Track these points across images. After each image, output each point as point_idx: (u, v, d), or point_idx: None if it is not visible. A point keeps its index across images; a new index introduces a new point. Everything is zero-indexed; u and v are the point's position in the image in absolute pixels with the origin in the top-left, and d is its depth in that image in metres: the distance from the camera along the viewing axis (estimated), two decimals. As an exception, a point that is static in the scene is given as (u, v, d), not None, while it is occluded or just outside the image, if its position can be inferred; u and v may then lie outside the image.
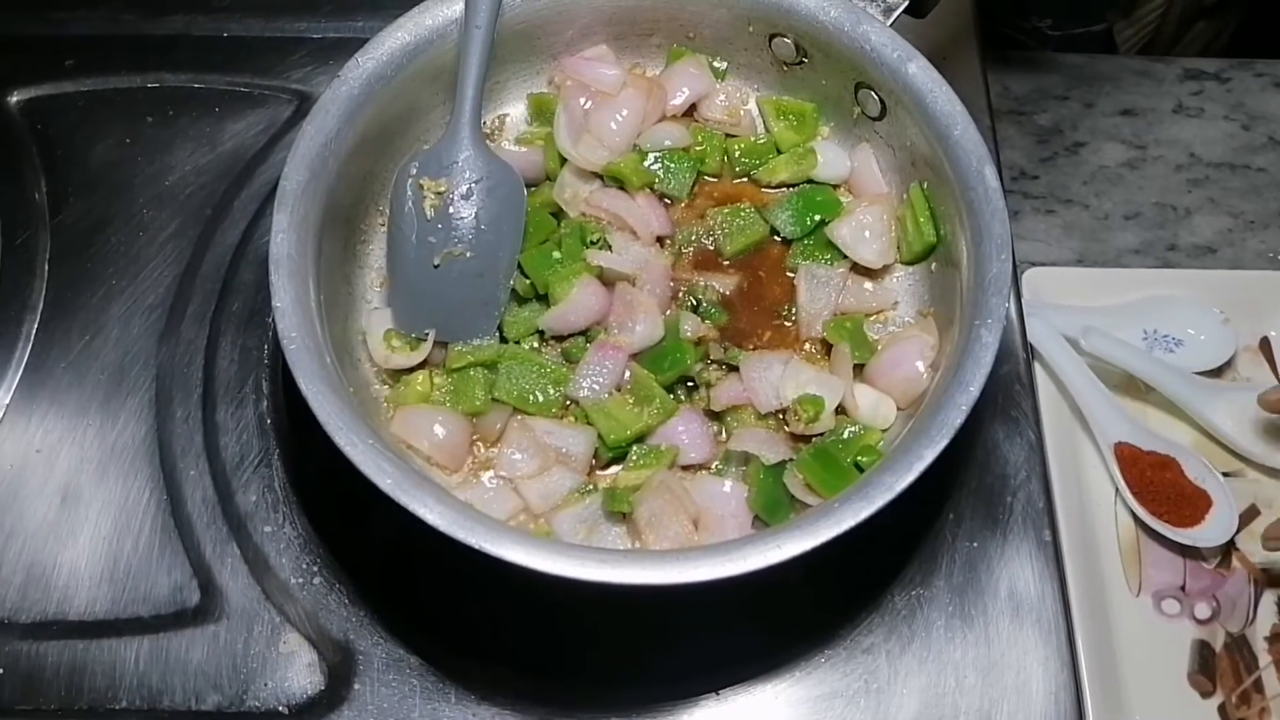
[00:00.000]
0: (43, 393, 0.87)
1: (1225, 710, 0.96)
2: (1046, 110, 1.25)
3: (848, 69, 0.84)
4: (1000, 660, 0.78)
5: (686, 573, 0.65)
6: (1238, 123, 1.24)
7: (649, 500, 0.75)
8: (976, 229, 0.76)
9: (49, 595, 0.80)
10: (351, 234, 0.84)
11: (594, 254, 0.82)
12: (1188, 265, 1.17)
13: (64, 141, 0.97)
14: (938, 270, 0.83)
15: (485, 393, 0.79)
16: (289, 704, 0.76)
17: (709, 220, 0.87)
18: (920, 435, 0.69)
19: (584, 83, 0.88)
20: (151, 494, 0.83)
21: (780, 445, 0.78)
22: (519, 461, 0.78)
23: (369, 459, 0.67)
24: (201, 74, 0.99)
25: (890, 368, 0.80)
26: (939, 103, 0.79)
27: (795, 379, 0.79)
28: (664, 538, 0.74)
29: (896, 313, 0.85)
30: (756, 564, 0.65)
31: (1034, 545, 0.81)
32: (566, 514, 0.76)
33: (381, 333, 0.81)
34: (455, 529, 0.66)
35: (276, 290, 0.72)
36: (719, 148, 0.89)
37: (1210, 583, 1.02)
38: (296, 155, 0.77)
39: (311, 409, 0.68)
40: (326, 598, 0.79)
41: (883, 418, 0.79)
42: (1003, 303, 0.72)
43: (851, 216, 0.85)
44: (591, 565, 0.65)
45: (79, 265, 0.91)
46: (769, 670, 0.78)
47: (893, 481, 0.67)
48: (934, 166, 0.81)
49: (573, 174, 0.87)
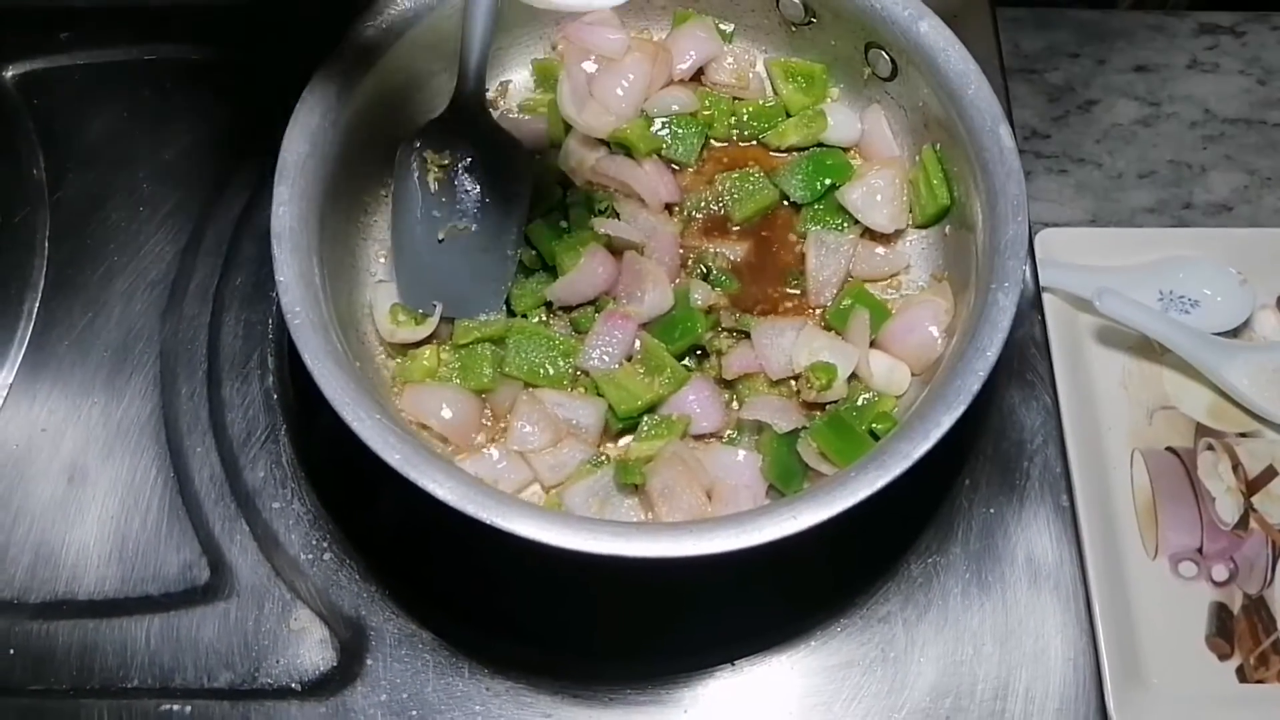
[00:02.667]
0: (46, 372, 0.86)
1: (1243, 672, 0.96)
2: (1058, 68, 1.23)
3: (857, 28, 0.83)
4: (1018, 627, 0.77)
5: (700, 545, 0.65)
6: (1254, 77, 1.22)
7: (661, 471, 0.74)
8: (991, 190, 0.74)
9: (58, 575, 0.80)
10: (354, 206, 0.83)
11: (602, 222, 0.81)
12: (1203, 224, 1.15)
13: (61, 116, 0.95)
14: (951, 233, 0.82)
15: (494, 369, 0.78)
16: (301, 681, 0.76)
17: (717, 186, 0.86)
18: (937, 402, 0.68)
19: (588, 48, 0.86)
20: (158, 472, 0.82)
21: (793, 413, 0.77)
22: (530, 435, 0.77)
23: (377, 435, 0.67)
24: (199, 45, 0.98)
25: (904, 333, 0.79)
26: (952, 61, 0.77)
27: (808, 346, 0.78)
28: (677, 509, 0.73)
29: (909, 277, 0.84)
30: (772, 535, 0.64)
31: (1051, 511, 0.80)
32: (578, 487, 0.75)
33: (387, 307, 0.80)
34: (466, 504, 0.65)
35: (279, 265, 0.71)
36: (727, 112, 0.87)
37: (1228, 544, 1.01)
38: (296, 126, 0.75)
39: (318, 385, 0.67)
40: (337, 574, 0.79)
41: (897, 384, 0.78)
42: (1019, 265, 0.71)
43: (862, 180, 0.84)
44: (605, 538, 0.65)
45: (79, 242, 0.91)
46: (785, 640, 0.77)
47: (909, 449, 0.67)
48: (947, 127, 0.79)
49: (578, 142, 0.86)
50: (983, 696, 0.75)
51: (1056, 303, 1.06)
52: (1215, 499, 1.02)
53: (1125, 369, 1.07)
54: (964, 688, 0.75)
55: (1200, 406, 1.05)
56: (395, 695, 0.75)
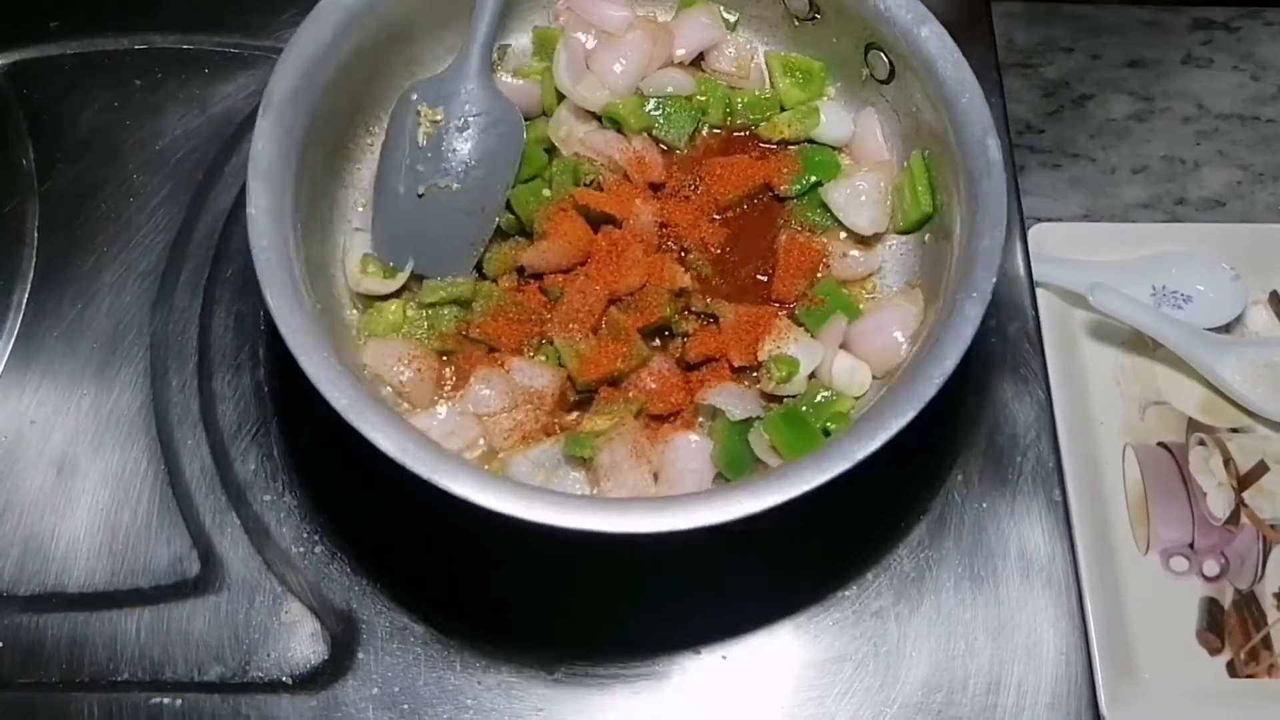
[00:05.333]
0: (35, 363, 0.85)
1: (1234, 667, 0.96)
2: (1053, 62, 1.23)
3: (859, 28, 0.82)
4: (1010, 622, 0.77)
5: (630, 523, 0.65)
6: (1247, 73, 1.22)
7: (611, 448, 0.74)
8: (973, 200, 0.74)
9: (47, 567, 0.79)
10: (337, 150, 0.82)
11: (583, 193, 0.81)
12: (1196, 219, 1.16)
13: (51, 106, 0.94)
14: (930, 241, 0.82)
15: (457, 331, 0.79)
16: (292, 674, 0.76)
17: (704, 170, 0.85)
18: (888, 406, 0.68)
19: (590, 21, 0.87)
20: (149, 464, 0.82)
21: (750, 402, 0.77)
22: (487, 397, 0.77)
23: (326, 377, 0.67)
24: (190, 35, 0.97)
25: (869, 335, 0.78)
26: (949, 68, 0.77)
27: (775, 338, 0.78)
28: (621, 486, 0.73)
29: (884, 282, 0.83)
30: (699, 521, 0.64)
31: (1044, 505, 0.80)
32: (528, 455, 0.75)
33: (359, 255, 0.81)
34: (406, 457, 0.65)
35: (252, 196, 0.71)
36: (722, 99, 0.87)
37: (1219, 539, 1.01)
38: (287, 61, 0.75)
39: (274, 320, 0.67)
40: (328, 567, 0.78)
41: (857, 385, 0.78)
42: (990, 276, 0.70)
43: (848, 181, 0.83)
44: (539, 507, 0.65)
45: (69, 232, 0.90)
46: (776, 634, 0.77)
47: (854, 450, 0.66)
48: (938, 134, 0.79)
49: (570, 112, 0.86)
50: (975, 690, 0.75)
51: (1050, 298, 1.07)
52: (1206, 494, 1.03)
53: (1118, 364, 1.08)
54: (956, 682, 0.75)
55: (1192, 402, 1.06)
56: (387, 689, 0.75)
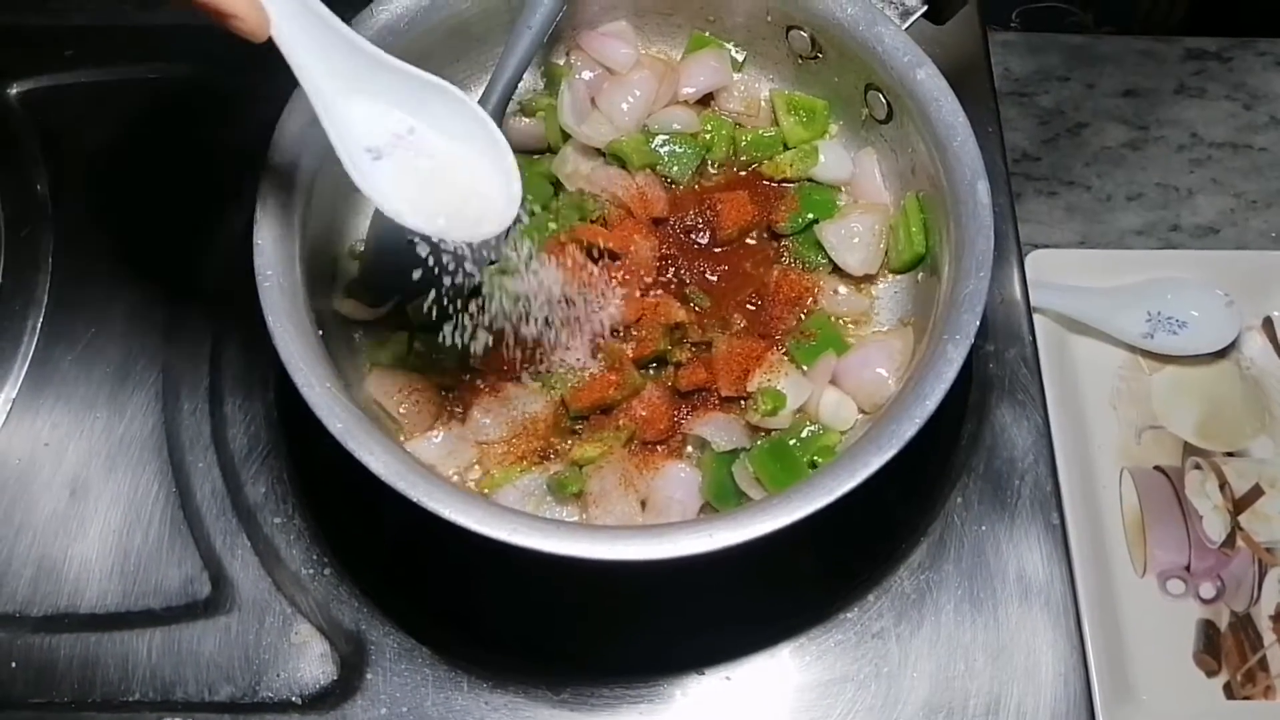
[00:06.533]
0: (49, 387, 0.86)
1: (1231, 689, 0.97)
2: (1048, 91, 1.25)
3: (859, 68, 0.84)
4: (1010, 643, 0.78)
5: (615, 550, 0.66)
6: (1240, 102, 1.24)
7: (600, 476, 0.75)
8: (960, 243, 0.75)
9: (60, 588, 0.80)
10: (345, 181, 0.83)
11: (585, 228, 0.82)
12: (1190, 246, 1.17)
13: (65, 133, 0.96)
14: (923, 281, 0.83)
15: (458, 364, 0.80)
16: (302, 694, 0.77)
17: (704, 206, 0.86)
18: (870, 443, 0.69)
19: (599, 59, 0.88)
20: (160, 487, 0.83)
21: (737, 433, 0.78)
22: (488, 426, 0.78)
23: (323, 402, 0.68)
24: (201, 65, 0.98)
25: (856, 370, 0.79)
26: (943, 111, 0.78)
27: (766, 371, 0.79)
28: (609, 514, 0.75)
29: (878, 319, 0.84)
30: (683, 550, 0.66)
31: (1042, 528, 0.81)
32: (516, 484, 0.76)
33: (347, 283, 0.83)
34: (398, 480, 0.66)
35: (259, 226, 0.73)
36: (727, 137, 0.88)
37: (1215, 562, 1.02)
38: (300, 97, 0.76)
39: (275, 346, 0.69)
40: (337, 589, 0.79)
41: (843, 420, 0.79)
42: (974, 320, 0.71)
43: (843, 221, 0.84)
44: (523, 532, 0.66)
45: (82, 258, 0.91)
46: (778, 655, 0.78)
47: (834, 485, 0.67)
48: (930, 176, 0.80)
49: (575, 150, 0.87)
50: (975, 712, 0.76)
51: (1047, 323, 1.08)
52: (1203, 517, 1.04)
53: (1114, 389, 1.09)
54: (956, 703, 0.76)
55: (1188, 426, 1.07)
56: (395, 709, 0.76)
